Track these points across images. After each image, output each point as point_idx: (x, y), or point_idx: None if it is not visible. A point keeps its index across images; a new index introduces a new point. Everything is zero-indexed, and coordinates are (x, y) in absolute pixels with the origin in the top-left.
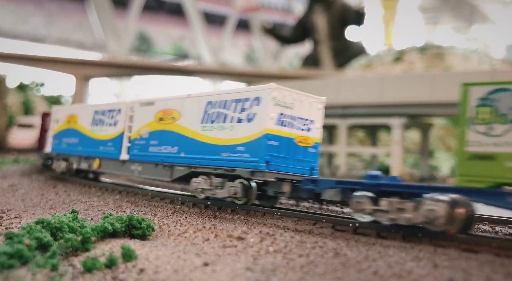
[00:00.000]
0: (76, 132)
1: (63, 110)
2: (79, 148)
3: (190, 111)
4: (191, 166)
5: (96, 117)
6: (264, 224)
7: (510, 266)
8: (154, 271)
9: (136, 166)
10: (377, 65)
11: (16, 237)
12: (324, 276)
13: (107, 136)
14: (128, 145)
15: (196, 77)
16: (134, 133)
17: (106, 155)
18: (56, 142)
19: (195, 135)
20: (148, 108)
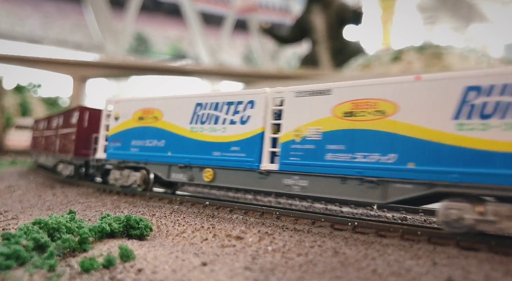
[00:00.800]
0: (158, 132)
1: (130, 104)
2: (167, 153)
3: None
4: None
5: (201, 112)
6: (263, 223)
7: (509, 264)
8: (152, 271)
9: (295, 180)
10: (375, 65)
11: (13, 237)
12: (323, 275)
13: (228, 138)
14: (276, 150)
15: (194, 77)
16: (288, 134)
17: (228, 163)
18: (117, 145)
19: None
20: (316, 100)
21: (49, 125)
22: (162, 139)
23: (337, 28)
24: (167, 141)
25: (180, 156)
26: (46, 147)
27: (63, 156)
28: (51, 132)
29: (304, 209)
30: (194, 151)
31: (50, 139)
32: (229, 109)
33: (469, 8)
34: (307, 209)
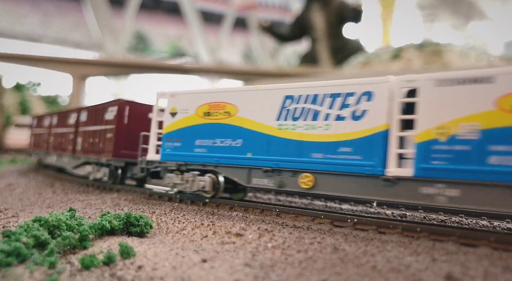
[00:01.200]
0: (233, 130)
1: (191, 97)
2: (245, 154)
3: None
4: None
5: (293, 107)
6: (263, 220)
7: (508, 259)
8: (152, 268)
9: (439, 189)
10: (374, 63)
11: (14, 235)
12: (323, 271)
13: (333, 138)
14: (407, 151)
15: (194, 75)
16: (427, 131)
17: (336, 167)
18: (176, 145)
19: None
20: (471, 89)
21: (62, 122)
22: (238, 138)
23: (337, 26)
24: (245, 140)
25: (264, 158)
26: (57, 146)
27: (93, 156)
28: (66, 129)
29: (303, 206)
30: (284, 152)
31: (65, 137)
32: (333, 103)
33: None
34: (306, 206)
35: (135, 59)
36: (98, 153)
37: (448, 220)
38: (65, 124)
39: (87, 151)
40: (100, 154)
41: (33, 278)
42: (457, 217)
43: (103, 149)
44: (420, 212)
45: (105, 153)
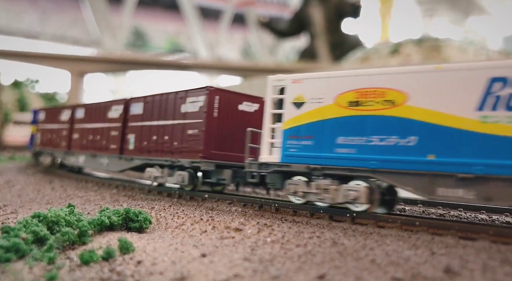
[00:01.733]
0: (400, 124)
1: (326, 82)
2: (424, 156)
3: None
4: None
5: (507, 92)
6: (262, 215)
7: (507, 252)
8: (151, 263)
9: None
10: (373, 58)
11: (12, 231)
12: (322, 265)
13: None
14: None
15: (192, 72)
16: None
17: None
18: (305, 144)
19: None
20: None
21: (95, 116)
22: (409, 135)
23: (336, 21)
24: (422, 137)
25: (458, 162)
26: (89, 145)
27: (162, 157)
28: (102, 124)
29: None
30: (494, 154)
31: (103, 134)
32: None
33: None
34: None
35: (133, 56)
36: (172, 153)
37: (447, 214)
38: (101, 119)
39: (149, 150)
40: (177, 154)
41: (33, 274)
42: (456, 211)
43: (184, 148)
44: (419, 206)
45: (187, 153)
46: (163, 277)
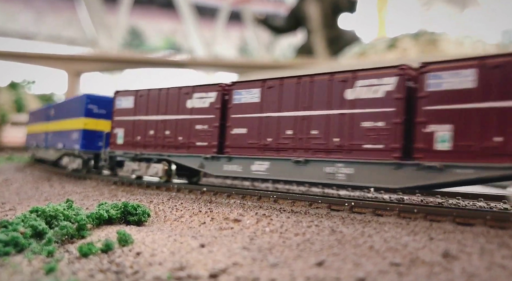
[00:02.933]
0: None
1: None
2: None
3: None
4: None
5: None
6: (260, 206)
7: (504, 236)
8: (150, 254)
9: None
10: (370, 53)
11: (11, 225)
12: (321, 252)
13: None
14: None
15: (189, 69)
16: None
17: None
18: None
19: None
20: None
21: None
22: None
23: (332, 17)
24: None
25: None
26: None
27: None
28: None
29: (301, 193)
30: None
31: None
32: None
33: None
34: (304, 193)
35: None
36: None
37: (445, 203)
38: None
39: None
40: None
41: (32, 266)
42: (454, 199)
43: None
44: (417, 196)
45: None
46: (162, 268)
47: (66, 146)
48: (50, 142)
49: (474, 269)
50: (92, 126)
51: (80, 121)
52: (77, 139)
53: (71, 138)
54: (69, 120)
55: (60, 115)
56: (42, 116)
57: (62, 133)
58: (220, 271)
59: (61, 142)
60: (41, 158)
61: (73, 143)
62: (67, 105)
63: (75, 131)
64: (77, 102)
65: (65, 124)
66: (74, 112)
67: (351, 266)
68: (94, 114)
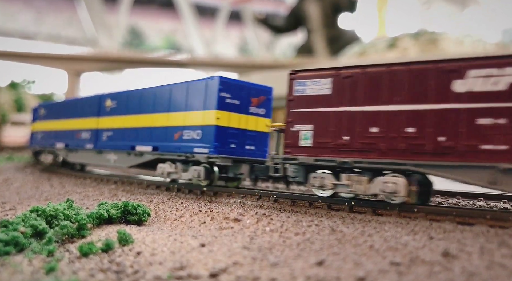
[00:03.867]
0: None
1: None
2: None
3: None
4: None
5: None
6: (260, 206)
7: (504, 235)
8: (151, 254)
9: None
10: (370, 52)
11: (11, 225)
12: (321, 252)
13: None
14: None
15: (189, 69)
16: None
17: None
18: None
19: None
20: None
21: None
22: None
23: (332, 16)
24: None
25: None
26: None
27: None
28: None
29: (301, 192)
30: None
31: None
32: None
33: None
34: (304, 192)
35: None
36: None
37: (445, 202)
38: None
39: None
40: None
41: (32, 266)
42: (454, 198)
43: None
44: None
45: None
46: (162, 267)
47: (166, 148)
48: (111, 142)
49: (474, 268)
50: (225, 122)
51: (210, 115)
52: (201, 139)
53: (185, 137)
54: (178, 114)
55: (147, 107)
56: (76, 110)
57: (156, 130)
58: (220, 271)
59: (149, 143)
60: (78, 162)
61: (189, 144)
62: (163, 94)
63: (197, 129)
64: (197, 89)
65: (167, 119)
66: (192, 102)
67: (351, 266)
68: (227, 105)
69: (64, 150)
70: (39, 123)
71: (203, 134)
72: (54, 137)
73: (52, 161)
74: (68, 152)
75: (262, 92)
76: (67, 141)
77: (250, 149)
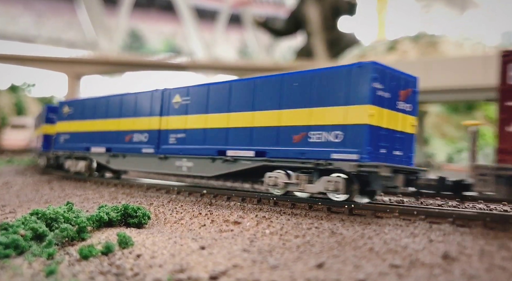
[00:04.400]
0: None
1: None
2: None
3: None
4: None
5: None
6: (260, 209)
7: (504, 238)
8: (151, 256)
9: None
10: (370, 55)
11: (11, 227)
12: (321, 254)
13: None
14: None
15: (189, 72)
16: None
17: None
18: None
19: None
20: None
21: None
22: None
23: (332, 19)
24: None
25: None
26: None
27: None
28: None
29: None
30: None
31: None
32: None
33: None
34: None
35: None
36: None
37: (445, 205)
38: None
39: None
40: None
41: (32, 268)
42: (453, 201)
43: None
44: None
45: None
46: (162, 270)
47: (279, 154)
48: (183, 146)
49: (473, 271)
50: (377, 121)
51: (358, 112)
52: (342, 142)
53: (312, 140)
54: (298, 112)
55: (240, 104)
56: (124, 107)
57: (261, 131)
58: (220, 273)
59: (249, 146)
60: (127, 170)
61: (321, 148)
62: (271, 87)
63: (336, 129)
64: (335, 79)
65: (278, 118)
66: (324, 95)
67: (351, 268)
68: (379, 99)
69: (105, 155)
70: (63, 123)
71: (345, 136)
72: (89, 140)
73: (85, 168)
74: (110, 158)
75: (409, 84)
76: (110, 144)
77: (398, 154)
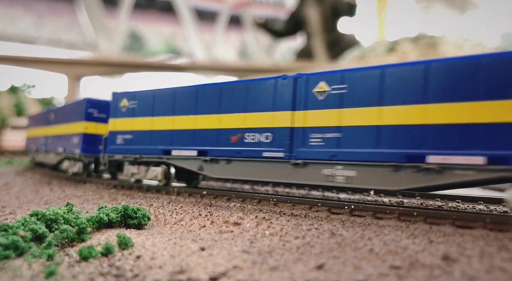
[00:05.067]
0: None
1: None
2: None
3: None
4: None
5: None
6: (260, 210)
7: (504, 239)
8: (150, 257)
9: None
10: (370, 57)
11: (11, 228)
12: (321, 255)
13: None
14: None
15: (189, 73)
16: None
17: None
18: None
19: None
20: None
21: None
22: None
23: (332, 20)
24: None
25: None
26: None
27: None
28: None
29: (300, 196)
30: None
31: None
32: None
33: None
34: (304, 196)
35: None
36: None
37: (445, 206)
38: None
39: None
40: None
41: (32, 270)
42: (453, 202)
43: None
44: (417, 198)
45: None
46: (162, 271)
47: None
48: (340, 149)
49: (474, 272)
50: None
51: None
52: None
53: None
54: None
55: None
56: (227, 100)
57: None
58: (220, 274)
59: (475, 150)
60: (237, 179)
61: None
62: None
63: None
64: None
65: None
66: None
67: (351, 269)
68: None
69: (196, 160)
70: (121, 120)
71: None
72: (168, 141)
73: (161, 175)
74: (205, 163)
75: None
76: (204, 147)
77: None
